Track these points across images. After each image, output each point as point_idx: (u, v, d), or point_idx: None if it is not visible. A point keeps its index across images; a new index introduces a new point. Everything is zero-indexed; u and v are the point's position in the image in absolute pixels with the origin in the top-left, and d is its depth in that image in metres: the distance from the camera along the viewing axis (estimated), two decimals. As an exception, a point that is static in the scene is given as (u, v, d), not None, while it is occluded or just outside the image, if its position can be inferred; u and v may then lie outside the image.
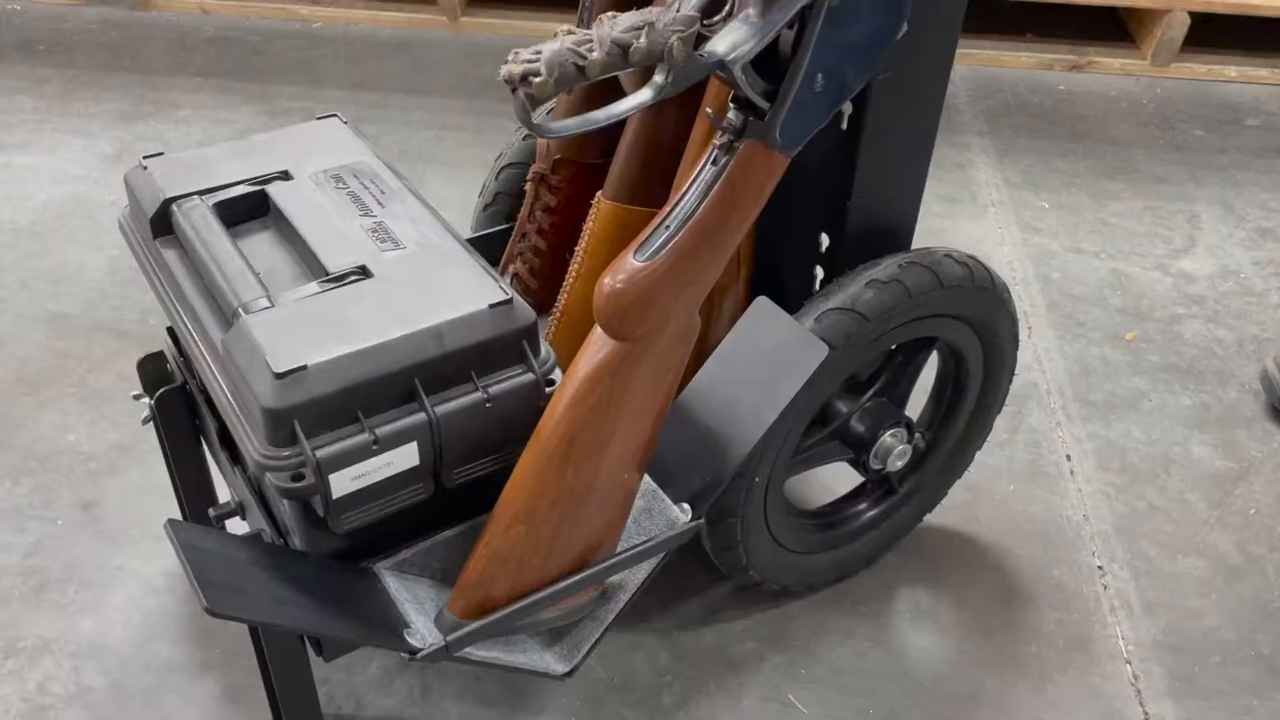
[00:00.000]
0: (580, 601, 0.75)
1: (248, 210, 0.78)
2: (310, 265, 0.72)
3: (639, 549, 0.74)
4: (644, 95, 0.54)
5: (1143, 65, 1.88)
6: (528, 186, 0.96)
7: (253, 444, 0.63)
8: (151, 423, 0.86)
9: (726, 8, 0.55)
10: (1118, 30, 1.95)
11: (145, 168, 0.79)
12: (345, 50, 1.88)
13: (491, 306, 0.68)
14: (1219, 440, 1.16)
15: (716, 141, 0.61)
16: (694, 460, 0.77)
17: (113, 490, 1.05)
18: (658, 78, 0.53)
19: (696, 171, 0.62)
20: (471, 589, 0.69)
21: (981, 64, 1.90)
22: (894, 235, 0.88)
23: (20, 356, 1.21)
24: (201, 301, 0.72)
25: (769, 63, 0.58)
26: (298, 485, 0.62)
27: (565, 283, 0.92)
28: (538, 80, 0.49)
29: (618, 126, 0.90)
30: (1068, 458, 1.13)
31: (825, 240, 0.90)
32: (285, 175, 0.79)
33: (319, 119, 0.87)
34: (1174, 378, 1.24)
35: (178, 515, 0.97)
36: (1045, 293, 1.37)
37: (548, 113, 0.92)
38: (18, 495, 1.04)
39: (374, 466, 0.64)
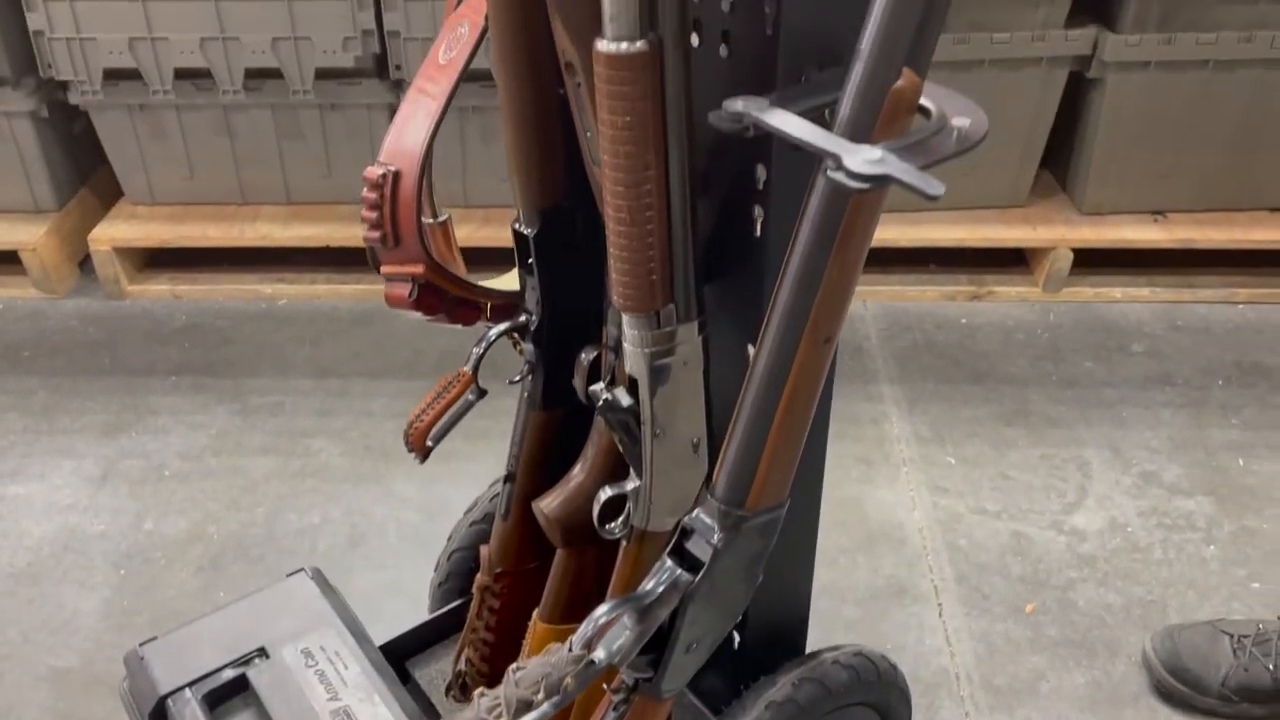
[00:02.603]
0: None
1: (232, 690, 0.91)
2: (289, 761, 0.86)
3: None
4: (544, 709, 0.68)
5: (1037, 292, 2.07)
6: (474, 592, 1.10)
7: None
8: None
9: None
10: (1014, 255, 2.14)
11: (142, 657, 0.93)
12: (309, 330, 2.04)
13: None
14: (1109, 722, 1.30)
15: (613, 698, 0.75)
16: None
17: None
18: (555, 698, 0.68)
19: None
20: None
21: (890, 299, 2.08)
22: (792, 634, 1.03)
23: (26, 724, 1.32)
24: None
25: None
26: None
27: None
28: (459, 749, 0.64)
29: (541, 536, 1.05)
30: (976, 753, 1.27)
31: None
32: (263, 653, 0.93)
33: (289, 576, 1.01)
34: (1069, 653, 1.38)
35: None
36: (954, 564, 1.52)
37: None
38: None
39: None
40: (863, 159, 0.56)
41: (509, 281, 1.04)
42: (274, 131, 2.05)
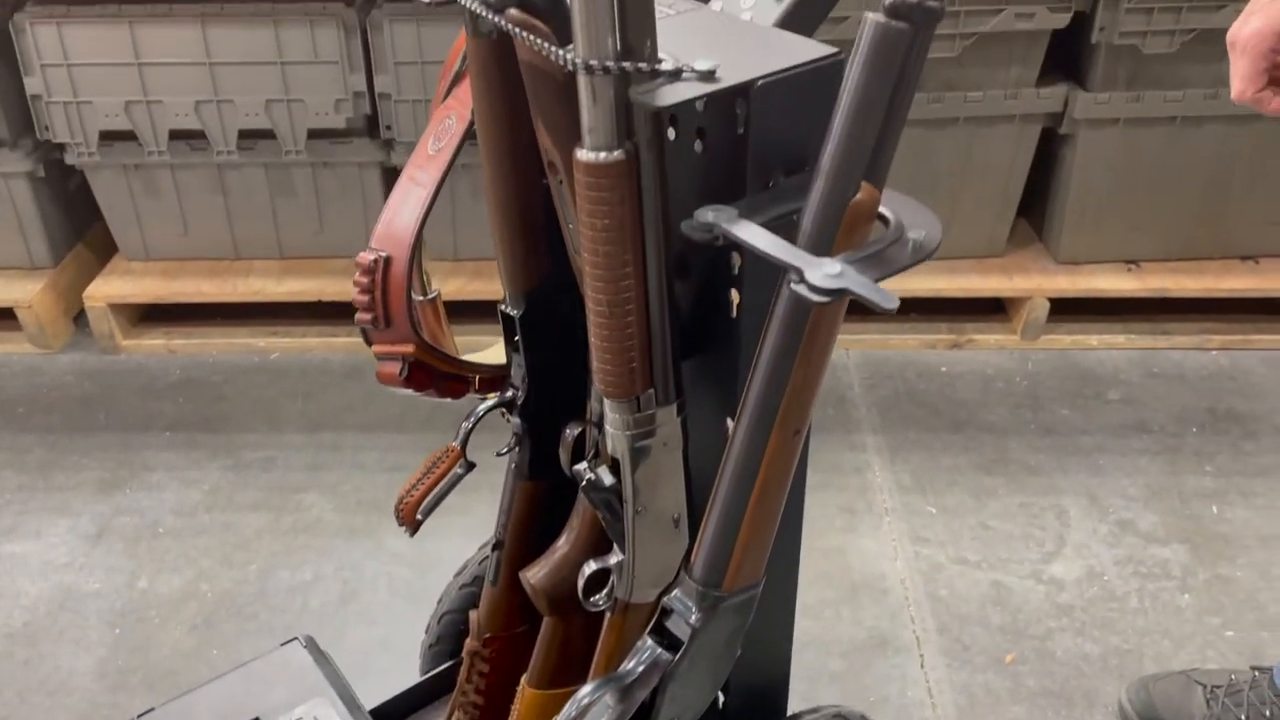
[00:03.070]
0: None
1: (230, 765, 0.94)
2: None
3: None
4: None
5: (1015, 340, 2.11)
6: (464, 656, 1.13)
7: None
8: None
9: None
10: (993, 304, 2.18)
11: (141, 729, 0.95)
12: (301, 384, 2.07)
13: None
14: (1087, 772, 1.33)
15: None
16: None
17: None
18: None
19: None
20: None
21: (872, 347, 2.12)
22: (773, 696, 1.06)
23: (22, 787, 1.34)
24: None
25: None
26: None
27: (500, 751, 1.08)
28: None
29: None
30: (957, 805, 1.29)
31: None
32: (258, 723, 0.96)
33: (283, 645, 1.04)
34: (1047, 703, 1.41)
35: None
36: (935, 614, 1.55)
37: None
38: None
39: None
40: (823, 273, 0.60)
41: (496, 354, 1.07)
42: (267, 189, 2.09)
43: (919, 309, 2.15)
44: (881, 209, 0.68)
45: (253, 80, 1.93)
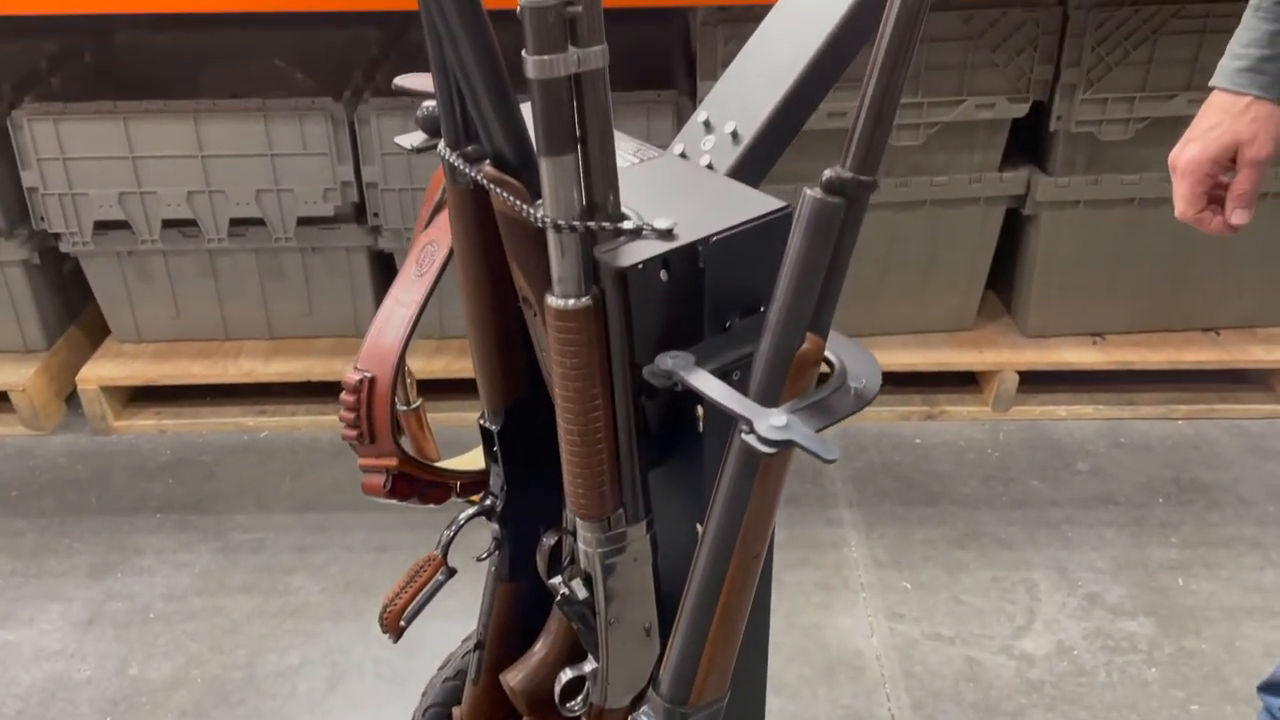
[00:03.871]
0: None
1: None
2: None
3: None
4: None
5: (987, 412, 2.17)
6: (448, 751, 1.17)
7: None
8: None
9: None
10: (965, 375, 2.24)
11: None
12: (290, 463, 2.11)
13: None
14: None
15: None
16: None
17: None
18: None
19: None
20: None
21: (848, 420, 2.16)
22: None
23: None
24: None
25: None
26: None
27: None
28: None
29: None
30: None
31: None
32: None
33: (272, 747, 1.07)
34: (1019, 781, 1.45)
35: None
36: (910, 692, 1.59)
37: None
38: None
39: None
40: (770, 424, 0.65)
41: (475, 459, 1.12)
42: (257, 273, 2.15)
43: (893, 382, 2.21)
44: (827, 353, 0.73)
45: (244, 171, 2.00)
